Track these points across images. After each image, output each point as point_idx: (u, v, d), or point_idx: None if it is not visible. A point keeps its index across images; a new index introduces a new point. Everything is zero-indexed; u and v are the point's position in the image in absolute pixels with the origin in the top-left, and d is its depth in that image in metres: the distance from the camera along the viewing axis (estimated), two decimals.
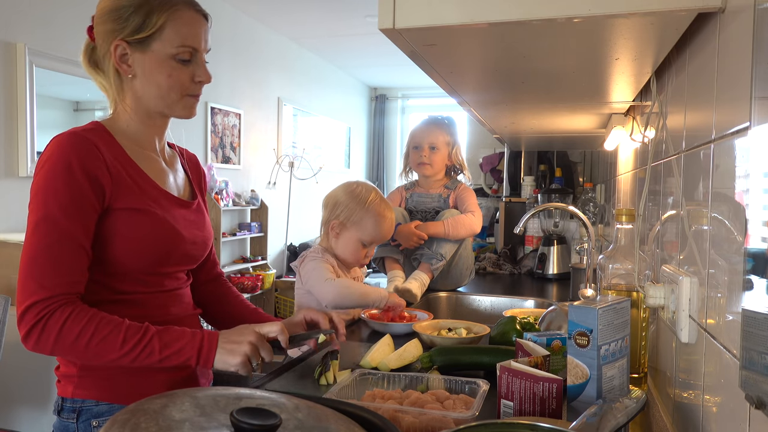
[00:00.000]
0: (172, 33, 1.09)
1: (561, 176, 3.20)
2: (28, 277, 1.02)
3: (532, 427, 0.70)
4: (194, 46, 1.11)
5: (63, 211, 1.02)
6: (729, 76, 0.72)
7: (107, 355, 1.01)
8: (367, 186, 1.74)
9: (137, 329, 1.03)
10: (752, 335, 0.54)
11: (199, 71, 1.13)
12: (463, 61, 1.16)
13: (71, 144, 1.04)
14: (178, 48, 1.10)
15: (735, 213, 0.66)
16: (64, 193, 1.02)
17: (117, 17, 1.09)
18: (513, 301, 2.15)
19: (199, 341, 1.04)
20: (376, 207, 1.68)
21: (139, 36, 1.08)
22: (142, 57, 1.10)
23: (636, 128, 1.55)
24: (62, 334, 1.00)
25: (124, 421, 0.58)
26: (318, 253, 1.70)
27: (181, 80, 1.12)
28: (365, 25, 5.23)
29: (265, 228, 5.20)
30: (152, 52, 1.10)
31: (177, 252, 1.15)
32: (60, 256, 1.02)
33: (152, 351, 1.02)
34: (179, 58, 1.10)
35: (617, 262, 1.22)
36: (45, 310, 1.00)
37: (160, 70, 1.10)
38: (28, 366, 2.47)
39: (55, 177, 1.02)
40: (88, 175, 1.03)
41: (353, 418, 0.71)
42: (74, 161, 1.03)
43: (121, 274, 1.10)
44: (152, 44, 1.09)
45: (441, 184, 2.29)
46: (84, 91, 3.47)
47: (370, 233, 1.68)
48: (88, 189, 1.03)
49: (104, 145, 1.08)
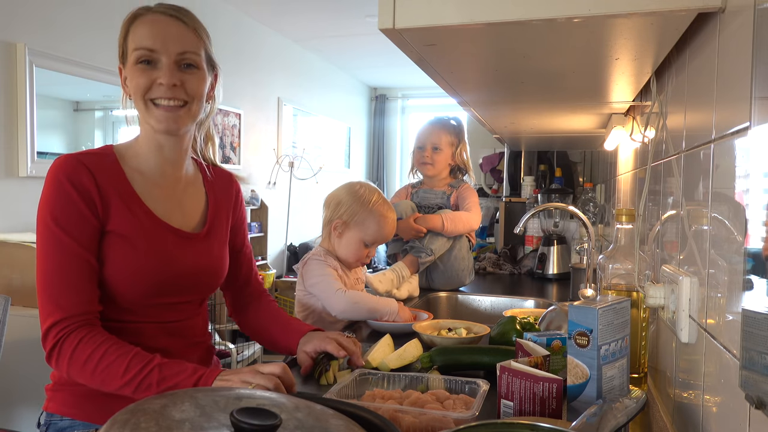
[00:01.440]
0: (133, 40, 1.10)
1: (561, 176, 3.20)
2: (44, 297, 1.03)
3: (532, 427, 0.70)
4: (149, 47, 1.08)
5: (63, 229, 1.03)
6: (729, 76, 0.72)
7: (111, 383, 1.00)
8: (370, 187, 1.74)
9: (141, 359, 1.00)
10: (752, 335, 0.54)
11: (160, 73, 1.08)
12: (463, 61, 1.16)
13: (61, 163, 1.07)
14: (135, 51, 1.09)
15: (735, 213, 0.66)
16: (60, 210, 1.04)
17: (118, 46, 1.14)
18: (513, 301, 2.14)
19: (196, 379, 0.99)
20: (379, 208, 1.69)
21: (121, 56, 1.13)
22: (126, 69, 1.12)
23: (636, 128, 1.55)
24: (74, 357, 1.01)
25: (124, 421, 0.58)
26: (320, 257, 1.70)
27: (139, 84, 1.09)
28: (365, 25, 5.22)
29: (265, 228, 5.20)
30: (127, 66, 1.12)
31: (170, 282, 1.12)
32: (69, 275, 1.03)
33: (150, 384, 0.98)
34: (140, 61, 1.09)
35: (617, 262, 1.22)
36: (63, 330, 1.01)
37: (130, 78, 1.11)
38: (28, 366, 2.47)
39: (51, 196, 1.05)
40: (78, 190, 1.05)
41: (353, 418, 0.71)
42: (62, 178, 1.05)
43: (113, 300, 1.09)
44: (127, 59, 1.12)
45: (446, 183, 2.32)
46: (84, 91, 3.47)
47: (373, 234, 1.69)
48: (81, 203, 1.05)
49: (100, 169, 1.09)
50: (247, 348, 4.33)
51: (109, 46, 1.26)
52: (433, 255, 2.13)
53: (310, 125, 6.49)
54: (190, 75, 1.12)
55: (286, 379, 0.99)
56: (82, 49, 3.35)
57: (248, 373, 0.98)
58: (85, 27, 3.38)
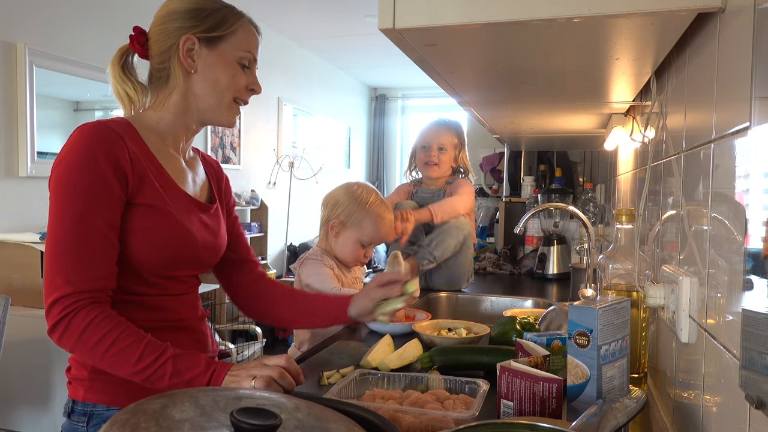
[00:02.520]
0: (242, 38, 1.16)
1: (561, 176, 3.20)
2: (54, 271, 1.00)
3: (532, 427, 0.70)
4: (255, 55, 1.19)
5: (88, 205, 1.00)
6: (729, 76, 0.72)
7: (121, 369, 1.00)
8: (367, 188, 1.75)
9: (155, 348, 1.00)
10: (752, 335, 0.54)
11: (253, 80, 1.19)
12: (463, 61, 1.16)
13: (96, 133, 1.03)
14: (244, 52, 1.16)
15: (735, 213, 0.66)
16: (88, 185, 1.01)
17: (194, 15, 1.13)
18: (513, 301, 2.14)
19: (210, 375, 1.00)
20: (376, 209, 1.69)
21: (213, 33, 1.14)
22: (209, 53, 1.14)
23: (636, 128, 1.55)
24: (83, 336, 0.99)
25: (124, 421, 0.58)
26: (317, 256, 1.70)
27: (238, 83, 1.16)
28: (365, 25, 5.23)
29: (265, 228, 5.20)
30: (220, 51, 1.14)
31: (188, 255, 1.14)
32: (86, 251, 1.01)
33: (163, 375, 0.99)
34: (242, 63, 1.16)
35: (617, 262, 1.22)
36: (72, 306, 1.00)
37: (224, 69, 1.14)
38: (28, 366, 2.47)
39: (79, 168, 1.01)
40: (113, 165, 1.02)
41: (353, 418, 0.71)
42: (99, 150, 1.02)
43: (132, 274, 1.09)
44: (222, 44, 1.14)
45: (443, 181, 2.32)
46: (84, 91, 3.47)
47: (370, 234, 1.69)
48: (113, 180, 1.02)
49: (129, 138, 1.08)
50: (247, 348, 4.34)
51: (109, 47, 1.25)
52: (435, 262, 2.12)
53: (310, 125, 6.49)
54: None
55: (291, 370, 1.01)
56: (82, 49, 3.35)
57: (254, 366, 1.00)
58: (85, 27, 3.38)
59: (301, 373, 1.04)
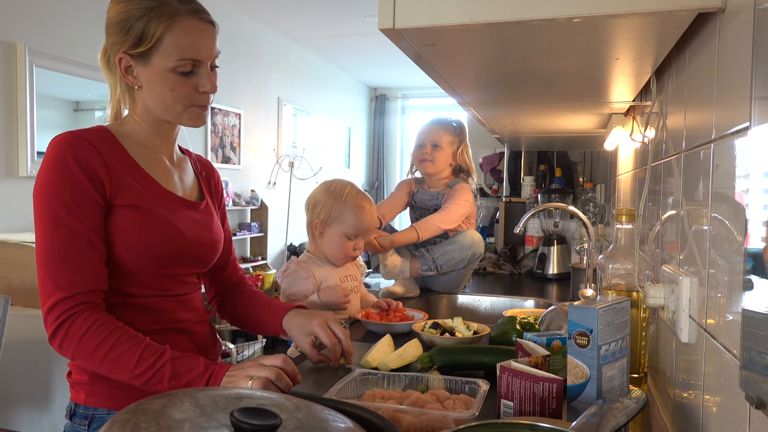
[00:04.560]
0: (171, 46, 1.07)
1: (561, 176, 3.20)
2: (44, 277, 1.02)
3: (532, 427, 0.70)
4: (194, 57, 1.08)
5: (65, 209, 1.02)
6: (729, 76, 0.72)
7: (120, 373, 1.01)
8: (342, 181, 1.75)
9: (153, 351, 1.00)
10: (752, 335, 0.54)
11: (202, 81, 1.11)
12: (463, 61, 1.16)
13: (66, 141, 1.05)
14: (177, 62, 1.07)
15: (735, 213, 0.66)
16: (64, 189, 1.02)
17: (119, 30, 1.08)
18: (513, 301, 2.14)
19: (207, 377, 1.01)
20: (352, 199, 1.69)
21: (139, 49, 1.07)
22: (144, 70, 1.09)
23: (636, 128, 1.55)
24: (82, 343, 1.00)
25: (124, 421, 0.58)
26: (296, 266, 1.72)
27: (183, 93, 1.10)
28: (365, 25, 5.23)
29: (265, 228, 5.20)
30: (153, 66, 1.08)
31: (177, 251, 1.14)
32: (70, 254, 1.01)
33: (162, 378, 0.99)
34: (180, 71, 1.08)
35: (617, 262, 1.22)
36: (67, 312, 1.01)
37: (162, 83, 1.09)
38: (28, 366, 2.47)
39: (54, 175, 1.03)
40: (85, 169, 1.03)
41: (353, 418, 0.71)
42: (69, 156, 1.03)
43: (126, 275, 1.09)
44: (152, 57, 1.08)
45: (443, 183, 2.29)
46: (84, 91, 3.47)
47: (352, 225, 1.69)
48: (86, 183, 1.03)
49: (103, 145, 1.08)
50: (247, 348, 4.34)
51: None
52: (435, 270, 2.13)
53: (310, 125, 6.49)
54: (214, 74, 1.16)
55: (288, 370, 1.02)
56: (82, 49, 3.35)
57: (251, 367, 1.00)
58: (85, 27, 3.38)
59: (298, 373, 1.04)
